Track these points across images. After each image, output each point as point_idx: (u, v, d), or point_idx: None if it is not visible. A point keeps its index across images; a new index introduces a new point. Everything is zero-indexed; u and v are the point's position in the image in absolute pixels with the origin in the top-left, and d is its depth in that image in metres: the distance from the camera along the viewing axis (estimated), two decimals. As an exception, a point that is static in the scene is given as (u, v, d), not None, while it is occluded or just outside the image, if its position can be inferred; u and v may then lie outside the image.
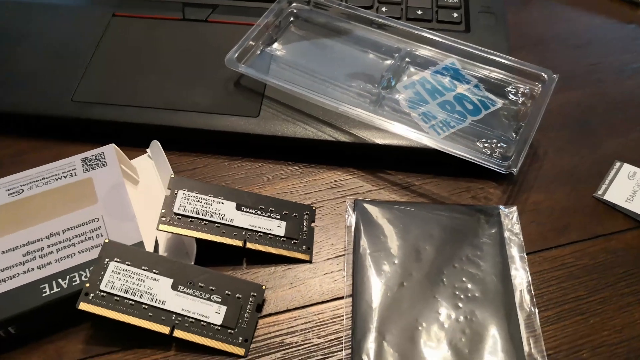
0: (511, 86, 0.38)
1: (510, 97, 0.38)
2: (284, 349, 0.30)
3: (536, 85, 0.38)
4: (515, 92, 0.38)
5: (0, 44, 0.42)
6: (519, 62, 0.38)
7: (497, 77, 0.39)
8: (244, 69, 0.38)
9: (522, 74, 0.38)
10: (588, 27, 0.46)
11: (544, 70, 0.38)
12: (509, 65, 0.39)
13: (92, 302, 0.29)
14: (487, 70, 0.39)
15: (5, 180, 0.34)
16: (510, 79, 0.39)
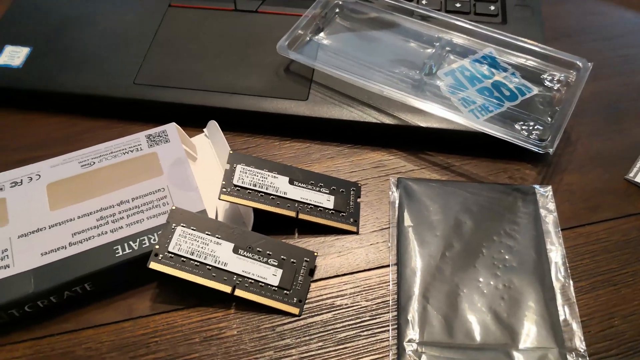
0: (547, 74, 0.40)
1: (545, 84, 0.40)
2: (335, 310, 0.33)
3: (571, 73, 0.40)
4: (551, 80, 0.40)
5: (68, 31, 0.45)
6: (554, 50, 0.40)
7: (533, 65, 0.41)
8: (294, 55, 0.41)
9: (557, 62, 0.40)
10: (619, 20, 0.48)
11: (579, 59, 0.40)
12: (545, 54, 0.41)
13: (161, 262, 0.32)
14: (523, 59, 0.41)
15: (77, 153, 0.37)
16: (545, 67, 0.41)
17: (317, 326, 0.32)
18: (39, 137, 0.41)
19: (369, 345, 0.31)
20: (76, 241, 0.33)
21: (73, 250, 0.32)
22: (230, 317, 0.32)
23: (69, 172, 0.36)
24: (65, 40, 0.44)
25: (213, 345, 0.31)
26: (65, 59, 0.43)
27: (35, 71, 0.42)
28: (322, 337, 0.32)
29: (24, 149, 0.40)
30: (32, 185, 0.35)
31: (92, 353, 0.31)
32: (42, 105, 0.43)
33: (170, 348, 0.31)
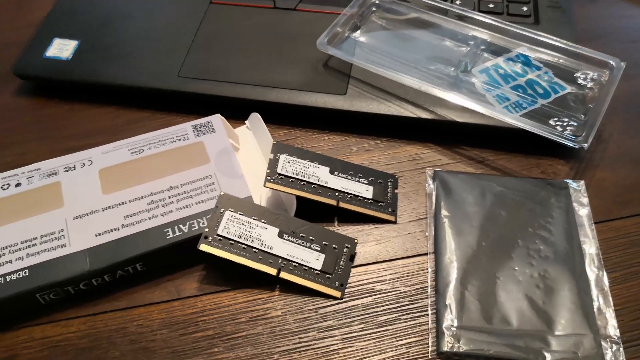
0: (580, 72, 0.42)
1: (579, 82, 0.41)
2: (374, 295, 0.34)
3: (604, 72, 0.41)
4: (584, 78, 0.41)
5: (113, 25, 0.46)
6: (587, 50, 0.41)
7: (566, 64, 0.42)
8: (334, 51, 0.42)
9: (590, 62, 0.41)
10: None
11: (612, 58, 0.41)
12: (577, 53, 0.42)
13: (211, 244, 0.33)
14: (556, 58, 0.43)
15: (126, 141, 0.39)
16: (578, 66, 0.42)
17: (358, 309, 0.33)
18: (86, 127, 0.42)
19: (409, 329, 0.32)
20: (128, 223, 0.34)
21: (126, 232, 0.34)
22: (275, 299, 0.34)
23: (119, 158, 0.37)
24: (111, 34, 0.46)
25: (259, 325, 0.33)
26: (111, 52, 0.45)
27: (83, 63, 0.44)
28: (363, 320, 0.33)
29: (73, 138, 0.42)
30: (84, 170, 0.37)
31: (143, 330, 0.33)
32: (89, 96, 0.44)
33: (218, 327, 0.33)
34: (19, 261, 0.33)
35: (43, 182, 0.36)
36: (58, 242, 0.34)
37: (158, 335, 0.32)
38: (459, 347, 0.31)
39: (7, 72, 0.46)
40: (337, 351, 0.32)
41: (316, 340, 0.32)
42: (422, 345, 0.32)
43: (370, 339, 0.32)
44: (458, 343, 0.31)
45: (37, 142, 0.41)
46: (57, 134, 0.42)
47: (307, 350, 0.32)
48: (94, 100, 0.44)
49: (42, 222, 0.34)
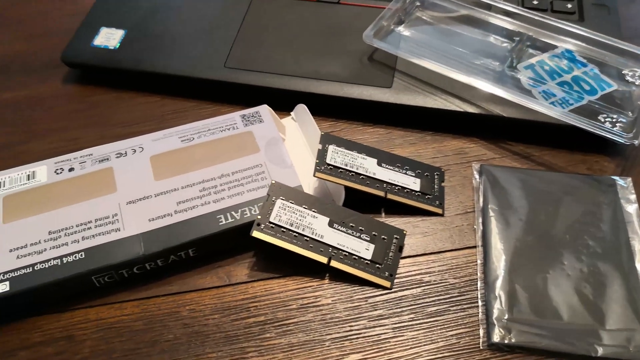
0: (627, 69, 0.41)
1: (626, 79, 0.41)
2: (423, 286, 0.34)
3: (651, 69, 0.41)
4: (632, 75, 0.41)
5: (158, 15, 0.47)
6: (634, 47, 0.41)
7: (612, 61, 0.42)
8: (380, 44, 0.42)
9: (638, 59, 0.41)
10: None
11: (661, 56, 0.41)
12: (624, 50, 0.42)
13: (263, 231, 0.34)
14: (602, 55, 0.43)
15: (176, 129, 0.39)
16: (625, 63, 0.42)
17: (407, 299, 0.33)
18: (133, 115, 0.43)
19: (459, 320, 0.33)
20: (181, 209, 0.35)
21: (179, 218, 0.34)
22: (324, 287, 0.34)
23: (170, 146, 0.38)
24: (157, 24, 0.47)
25: (309, 312, 0.33)
26: (157, 41, 0.45)
27: (130, 52, 0.45)
28: (413, 310, 0.33)
29: (121, 125, 0.42)
30: (136, 157, 0.37)
31: (196, 314, 0.33)
32: (135, 85, 0.45)
33: (270, 312, 0.33)
34: (74, 244, 0.33)
35: (95, 168, 0.37)
36: (112, 226, 0.34)
37: (210, 320, 0.33)
38: (510, 339, 0.31)
39: (55, 60, 0.46)
40: (387, 340, 0.32)
41: (367, 328, 0.32)
42: (472, 336, 0.32)
43: (420, 329, 0.32)
44: (509, 335, 0.31)
45: (86, 129, 0.42)
46: (105, 120, 0.43)
47: (358, 338, 0.32)
48: (140, 89, 0.45)
49: (96, 206, 0.35)
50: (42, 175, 0.37)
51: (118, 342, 0.32)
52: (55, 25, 0.49)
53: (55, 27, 0.49)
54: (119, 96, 0.44)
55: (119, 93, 0.45)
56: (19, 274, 0.32)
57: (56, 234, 0.34)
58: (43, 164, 0.37)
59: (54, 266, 0.33)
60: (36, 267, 0.33)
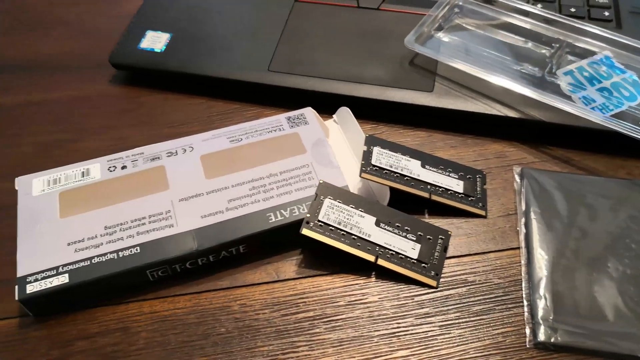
0: (667, 76, 0.42)
1: (666, 86, 0.41)
2: (468, 285, 0.35)
3: (692, 76, 0.41)
4: (672, 82, 0.42)
5: (203, 19, 0.48)
6: (675, 55, 0.42)
7: (652, 68, 0.43)
8: (422, 49, 0.43)
9: (678, 66, 0.42)
10: None
11: (701, 63, 0.41)
12: (665, 58, 0.42)
13: (312, 229, 0.35)
14: (642, 62, 0.43)
15: (224, 130, 0.40)
16: (664, 70, 0.42)
17: (453, 298, 0.34)
18: (180, 116, 0.44)
19: (505, 319, 0.33)
20: (232, 207, 0.36)
21: (230, 215, 0.35)
22: (371, 285, 0.35)
23: (219, 146, 0.39)
24: (201, 28, 0.48)
25: (357, 308, 0.34)
26: (202, 44, 0.46)
27: (176, 55, 0.46)
28: (459, 309, 0.34)
29: (168, 126, 0.43)
30: (186, 156, 0.38)
31: (247, 309, 0.34)
32: (181, 87, 0.46)
33: (319, 308, 0.34)
34: (130, 239, 0.35)
35: (147, 166, 0.38)
36: (166, 222, 0.35)
37: (261, 314, 0.34)
38: (557, 338, 0.32)
39: (102, 61, 0.48)
40: (435, 337, 0.33)
41: (414, 326, 0.33)
42: (518, 335, 0.33)
43: (467, 327, 0.33)
44: (555, 334, 0.32)
45: (134, 128, 0.43)
46: (152, 121, 0.44)
47: (405, 335, 0.33)
48: (186, 91, 0.46)
49: (150, 202, 0.36)
50: (95, 172, 0.38)
51: (172, 335, 0.33)
52: (101, 27, 0.51)
53: (102, 28, 0.51)
54: (165, 97, 0.46)
55: (165, 94, 0.46)
56: (77, 267, 0.33)
57: (112, 229, 0.35)
58: (96, 162, 0.39)
59: (111, 260, 0.34)
60: (94, 261, 0.34)
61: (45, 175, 0.38)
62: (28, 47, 0.50)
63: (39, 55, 0.49)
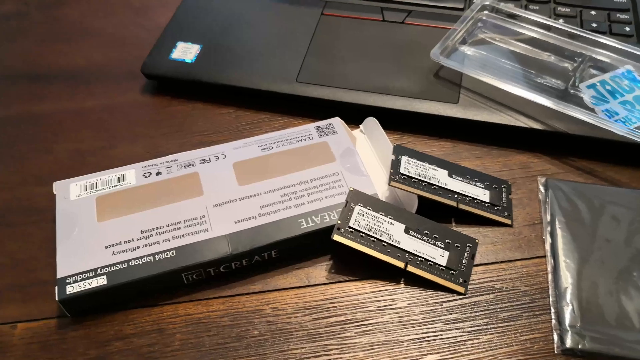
0: (689, 90, 0.43)
1: (689, 100, 0.42)
2: (496, 292, 0.35)
3: None
4: (694, 96, 0.42)
5: (232, 31, 0.50)
6: (697, 69, 0.43)
7: (674, 82, 0.44)
8: (447, 61, 0.44)
9: (700, 81, 0.43)
10: None
11: None
12: (687, 72, 0.43)
13: (344, 235, 0.35)
14: (664, 77, 0.44)
15: (255, 138, 0.41)
16: (686, 84, 0.43)
17: (481, 305, 0.35)
18: (210, 125, 0.45)
19: (532, 325, 0.34)
20: (264, 213, 0.37)
21: (263, 221, 0.36)
22: (400, 291, 0.36)
23: (250, 154, 0.40)
24: (231, 40, 0.49)
25: (387, 313, 0.35)
26: (232, 56, 0.48)
27: (207, 66, 0.47)
28: (487, 315, 0.34)
29: (199, 134, 0.45)
30: (219, 163, 0.40)
31: (279, 312, 0.35)
32: (211, 97, 0.47)
33: (349, 313, 0.35)
34: (166, 242, 0.36)
35: (182, 172, 0.39)
36: (200, 227, 0.36)
37: (293, 318, 0.35)
38: (584, 345, 0.33)
39: (134, 71, 0.49)
40: (464, 342, 0.33)
41: (443, 331, 0.34)
42: (546, 342, 0.33)
43: (495, 333, 0.34)
44: (583, 341, 0.33)
45: (166, 137, 0.44)
46: (184, 130, 0.45)
47: (435, 339, 0.34)
48: (215, 101, 0.47)
49: (185, 208, 0.37)
50: (131, 178, 0.39)
51: (206, 337, 0.34)
52: (132, 38, 0.52)
53: (133, 39, 0.52)
54: (195, 107, 0.47)
55: (195, 104, 0.47)
56: (115, 269, 0.34)
57: (148, 233, 0.36)
58: (132, 168, 0.40)
59: (147, 263, 0.35)
60: (131, 263, 0.35)
61: (83, 180, 0.39)
62: (63, 57, 0.51)
63: (73, 65, 0.50)
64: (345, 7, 0.51)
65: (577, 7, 0.51)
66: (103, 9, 0.56)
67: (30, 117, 0.46)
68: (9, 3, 0.57)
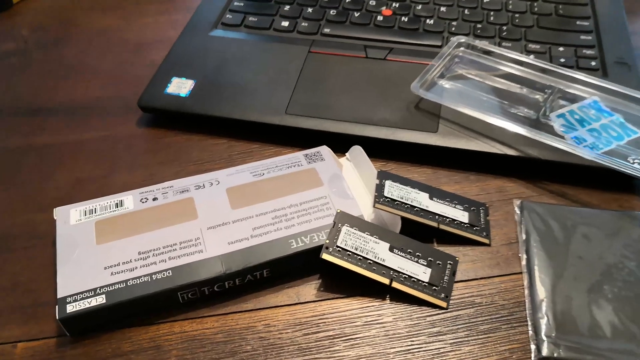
0: (650, 118, 0.46)
1: (650, 127, 0.46)
2: (476, 306, 0.38)
3: (673, 118, 0.46)
4: (655, 123, 0.46)
5: (225, 68, 0.53)
6: (656, 99, 0.46)
7: (635, 110, 0.47)
8: (427, 94, 0.47)
9: (660, 109, 0.46)
10: None
11: (680, 106, 0.45)
12: (647, 102, 0.47)
13: (332, 254, 0.38)
14: (626, 106, 0.47)
15: (247, 166, 0.44)
16: (648, 113, 0.47)
17: (462, 318, 0.37)
18: (204, 155, 0.48)
19: (510, 336, 0.36)
20: (256, 234, 0.39)
21: (255, 242, 0.38)
22: (385, 307, 0.38)
23: (242, 179, 0.42)
24: (223, 75, 0.52)
25: (373, 328, 0.36)
26: (224, 90, 0.51)
27: (200, 100, 0.50)
28: (468, 327, 0.36)
29: (193, 163, 0.47)
30: (213, 189, 0.42)
31: (270, 329, 0.37)
32: (205, 129, 0.50)
33: (338, 328, 0.36)
34: (162, 263, 0.37)
35: (177, 197, 0.41)
36: (195, 248, 0.38)
37: (284, 334, 0.36)
38: (560, 353, 0.35)
39: (130, 105, 0.52)
40: (446, 353, 0.35)
41: (427, 343, 0.36)
42: (524, 351, 0.35)
43: (475, 344, 0.36)
44: (558, 349, 0.35)
45: (162, 166, 0.47)
46: (178, 159, 0.47)
47: (419, 351, 0.35)
48: (209, 132, 0.50)
49: (180, 230, 0.39)
50: (129, 203, 0.41)
51: (201, 352, 0.36)
52: (129, 75, 0.55)
53: (129, 76, 0.55)
54: (190, 138, 0.49)
55: (189, 135, 0.49)
56: (113, 289, 0.36)
57: (145, 254, 0.38)
58: (129, 194, 0.42)
59: (145, 282, 0.36)
60: (129, 283, 0.36)
61: (82, 206, 0.41)
62: (62, 92, 0.54)
63: (72, 100, 0.53)
64: (331, 45, 0.55)
65: (546, 44, 0.54)
66: (100, 47, 0.59)
67: (31, 148, 0.48)
68: (10, 42, 0.60)
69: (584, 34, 0.55)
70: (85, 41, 0.60)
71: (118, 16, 0.64)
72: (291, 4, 0.60)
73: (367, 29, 0.56)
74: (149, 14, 0.64)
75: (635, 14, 0.63)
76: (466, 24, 0.57)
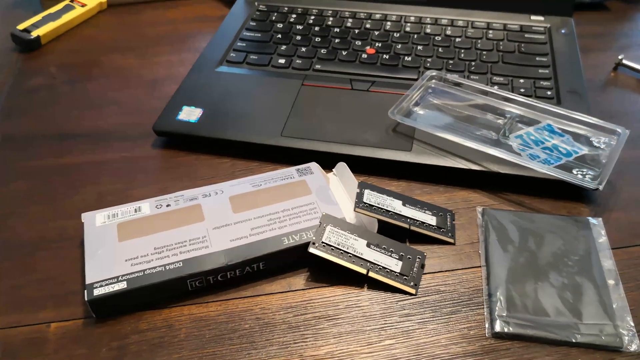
0: (594, 137, 0.54)
1: (594, 145, 0.53)
2: (441, 293, 0.44)
3: (613, 137, 0.53)
4: (598, 142, 0.53)
5: (229, 98, 0.61)
6: (599, 121, 0.54)
7: (583, 132, 0.54)
8: (402, 119, 0.55)
9: (602, 130, 0.54)
10: (650, 107, 0.61)
11: (619, 127, 0.53)
12: (592, 123, 0.54)
13: (318, 248, 0.44)
14: (575, 128, 0.55)
15: (247, 178, 0.51)
16: (593, 133, 0.54)
17: (429, 302, 0.43)
18: (210, 172, 0.55)
19: (469, 317, 0.42)
20: (254, 233, 0.46)
21: (252, 239, 0.45)
22: (364, 293, 0.44)
23: (243, 189, 0.50)
24: (227, 104, 0.60)
25: (353, 310, 0.43)
26: (228, 117, 0.58)
27: (208, 125, 0.58)
28: (433, 310, 0.43)
29: (201, 179, 0.54)
30: (218, 197, 0.49)
31: (265, 311, 0.43)
32: (211, 150, 0.57)
33: (323, 310, 0.43)
34: (174, 256, 0.44)
35: (187, 204, 0.49)
36: (202, 244, 0.45)
37: (277, 315, 0.43)
38: (509, 329, 0.41)
39: (146, 130, 0.59)
40: (414, 330, 0.42)
41: (398, 322, 0.42)
42: (480, 328, 0.42)
43: (439, 323, 0.42)
44: (508, 326, 0.41)
45: (174, 181, 0.54)
46: (188, 175, 0.55)
47: (391, 329, 0.42)
48: (214, 153, 0.57)
49: (190, 230, 0.46)
50: (146, 209, 0.48)
51: (206, 330, 0.42)
52: (145, 105, 0.63)
53: (145, 107, 0.63)
54: (198, 158, 0.57)
55: (198, 155, 0.57)
56: (133, 276, 0.43)
57: (160, 250, 0.45)
58: (146, 202, 0.49)
59: (160, 271, 0.43)
60: (146, 272, 0.43)
61: (106, 211, 0.48)
62: (86, 121, 0.62)
63: (95, 127, 0.61)
64: (321, 79, 0.63)
65: (509, 77, 0.62)
66: (119, 83, 0.67)
67: (60, 167, 0.56)
68: (40, 77, 0.69)
69: (542, 68, 0.63)
70: (107, 77, 0.68)
71: (135, 56, 0.72)
72: (287, 44, 0.69)
73: (353, 65, 0.65)
74: (161, 53, 0.73)
75: (588, 50, 0.71)
76: (440, 60, 0.65)
